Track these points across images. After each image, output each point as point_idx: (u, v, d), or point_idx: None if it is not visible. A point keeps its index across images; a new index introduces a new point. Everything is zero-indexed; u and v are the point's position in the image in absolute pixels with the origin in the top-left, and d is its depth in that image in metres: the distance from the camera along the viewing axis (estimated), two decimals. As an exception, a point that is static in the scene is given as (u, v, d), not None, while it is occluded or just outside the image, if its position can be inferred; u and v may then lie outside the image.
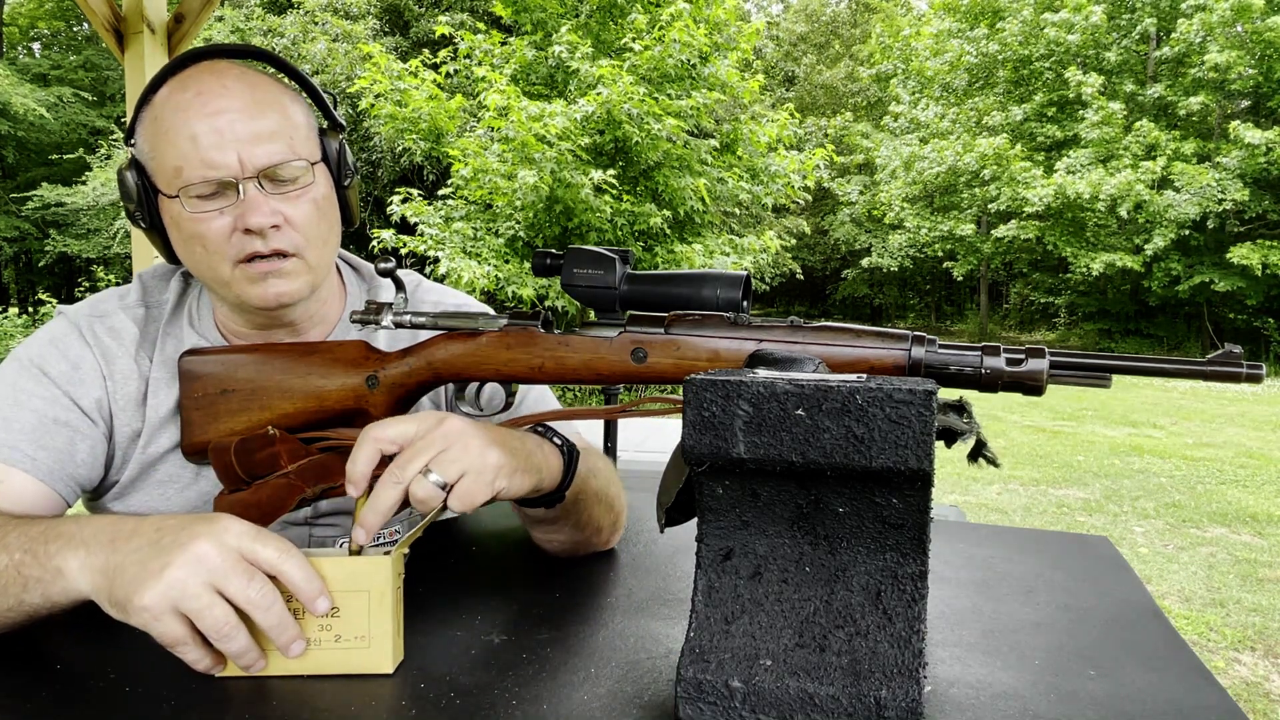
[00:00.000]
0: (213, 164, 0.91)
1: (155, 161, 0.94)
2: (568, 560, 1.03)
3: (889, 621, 0.65)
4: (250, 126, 0.92)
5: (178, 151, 0.91)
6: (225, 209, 0.92)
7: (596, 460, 1.02)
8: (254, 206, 0.92)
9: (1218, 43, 14.61)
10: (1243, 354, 0.68)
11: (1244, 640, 3.32)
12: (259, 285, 0.95)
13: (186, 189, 0.91)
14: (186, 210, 0.92)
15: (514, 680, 0.73)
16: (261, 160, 0.92)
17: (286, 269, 0.96)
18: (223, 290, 0.98)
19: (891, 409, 0.61)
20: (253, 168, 0.92)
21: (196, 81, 0.93)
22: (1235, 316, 15.81)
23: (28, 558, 0.77)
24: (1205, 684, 0.74)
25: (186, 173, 0.91)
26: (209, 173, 0.91)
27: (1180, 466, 6.49)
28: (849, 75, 24.82)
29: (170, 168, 0.92)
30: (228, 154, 0.91)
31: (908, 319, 25.43)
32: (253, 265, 0.94)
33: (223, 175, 0.91)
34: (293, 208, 0.95)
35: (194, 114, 0.91)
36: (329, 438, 0.94)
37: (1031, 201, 15.54)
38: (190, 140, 0.91)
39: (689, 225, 9.18)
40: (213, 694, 0.70)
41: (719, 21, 9.19)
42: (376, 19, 14.91)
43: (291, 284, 0.97)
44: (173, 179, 0.92)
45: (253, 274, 0.95)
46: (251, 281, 0.95)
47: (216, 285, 0.98)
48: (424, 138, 8.67)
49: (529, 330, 0.88)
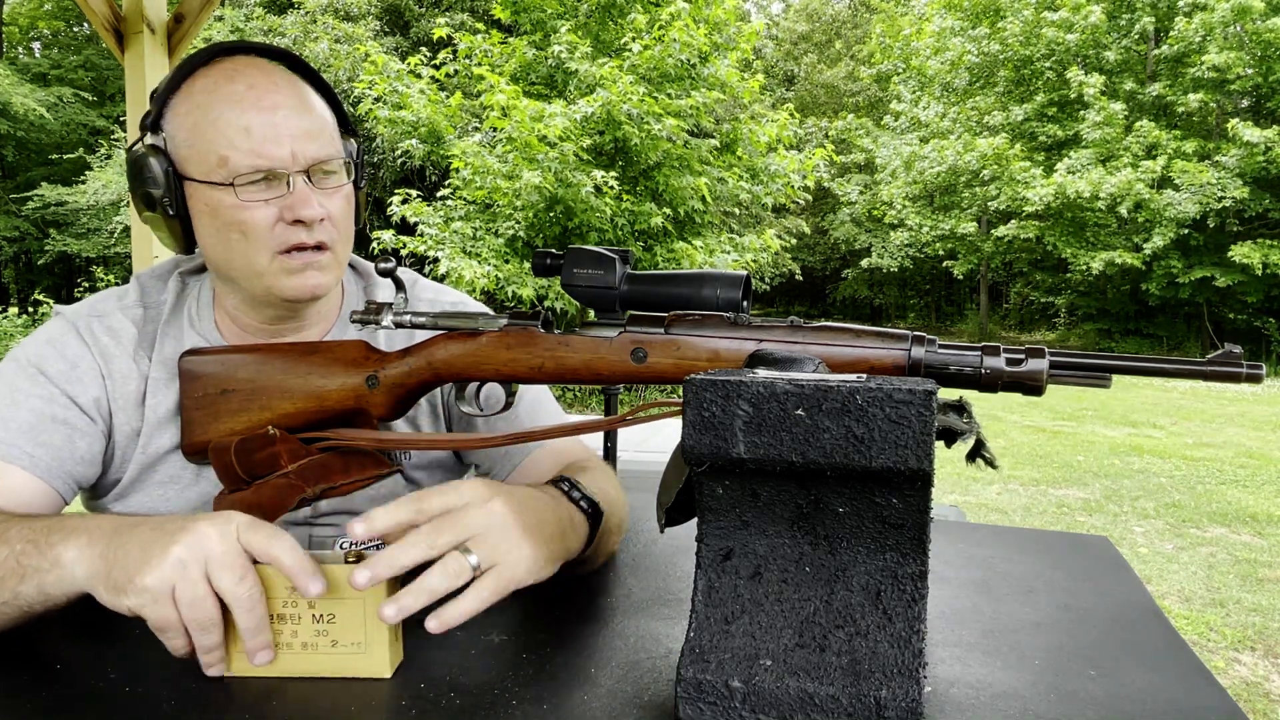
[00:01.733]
0: (267, 155, 0.93)
1: (193, 149, 0.94)
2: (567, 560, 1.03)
3: (889, 621, 0.65)
4: (301, 123, 0.95)
5: (227, 140, 0.92)
6: (271, 200, 0.94)
7: (606, 485, 1.00)
8: (304, 199, 0.95)
9: (1217, 43, 14.61)
10: (1243, 354, 0.68)
11: (1244, 640, 3.32)
12: (297, 276, 0.97)
13: (237, 178, 0.93)
14: (237, 198, 0.93)
15: (514, 680, 0.73)
16: (312, 155, 0.95)
17: (323, 261, 0.98)
18: (252, 281, 0.98)
19: (891, 409, 0.61)
20: (304, 161, 0.95)
21: (246, 75, 0.95)
22: (1235, 316, 15.80)
23: (29, 548, 0.77)
24: (1205, 684, 0.74)
25: (235, 161, 0.92)
26: (260, 162, 0.93)
27: (1180, 466, 6.49)
28: (849, 75, 24.82)
29: (215, 155, 0.93)
30: (282, 146, 0.93)
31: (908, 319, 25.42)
32: (293, 257, 0.96)
33: (275, 166, 0.93)
34: (332, 203, 0.98)
35: (248, 106, 0.93)
36: (329, 438, 0.94)
37: (1031, 201, 15.54)
38: (244, 131, 0.92)
39: (689, 225, 9.18)
40: (212, 694, 0.70)
41: (719, 21, 9.19)
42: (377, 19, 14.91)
43: (325, 276, 0.99)
44: (216, 167, 0.93)
45: (293, 265, 0.97)
46: (290, 273, 0.97)
47: (248, 276, 0.98)
48: (423, 140, 8.67)
49: (529, 330, 0.88)
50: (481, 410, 0.98)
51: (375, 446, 0.95)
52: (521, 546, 0.76)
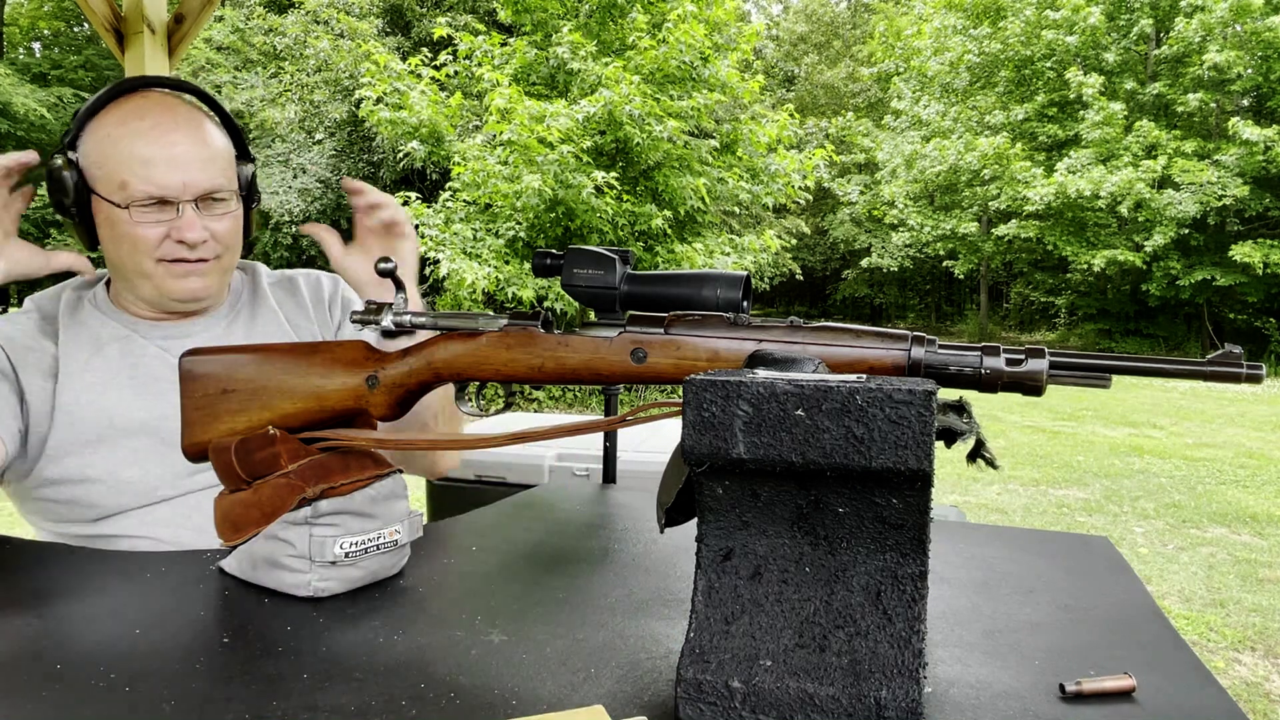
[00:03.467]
0: (160, 185, 1.10)
1: (101, 170, 1.11)
2: (568, 560, 1.03)
3: (889, 621, 0.65)
4: (196, 155, 1.12)
5: (128, 169, 1.10)
6: (161, 221, 1.12)
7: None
8: (190, 224, 1.13)
9: (1216, 43, 14.60)
10: (1243, 354, 0.68)
11: (1244, 640, 3.32)
12: (180, 280, 1.16)
13: (133, 202, 1.10)
14: (131, 217, 1.11)
15: (514, 680, 0.73)
16: (202, 186, 1.13)
17: (204, 269, 1.17)
18: (140, 281, 1.16)
19: (891, 409, 0.61)
20: (194, 191, 1.12)
21: (152, 112, 1.12)
22: (1235, 316, 15.79)
23: None
24: (1205, 684, 0.74)
25: (133, 187, 1.10)
26: (154, 190, 1.10)
27: (1180, 467, 6.49)
28: (850, 75, 24.81)
29: (117, 180, 1.10)
30: (174, 177, 1.11)
31: (908, 319, 25.41)
32: (174, 265, 1.15)
33: (166, 195, 1.11)
34: (218, 224, 1.16)
35: (148, 140, 1.10)
36: (329, 438, 0.94)
37: (1032, 200, 15.54)
38: (143, 162, 1.10)
39: (689, 225, 9.18)
40: (213, 694, 0.70)
41: (719, 22, 9.19)
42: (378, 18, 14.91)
43: (206, 280, 1.18)
44: (117, 189, 1.10)
45: (176, 270, 1.15)
46: (174, 277, 1.16)
47: (136, 276, 1.16)
48: (423, 141, 8.67)
49: (529, 330, 0.88)
50: (481, 410, 0.98)
51: (375, 446, 0.95)
52: None
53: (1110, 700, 0.71)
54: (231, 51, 15.31)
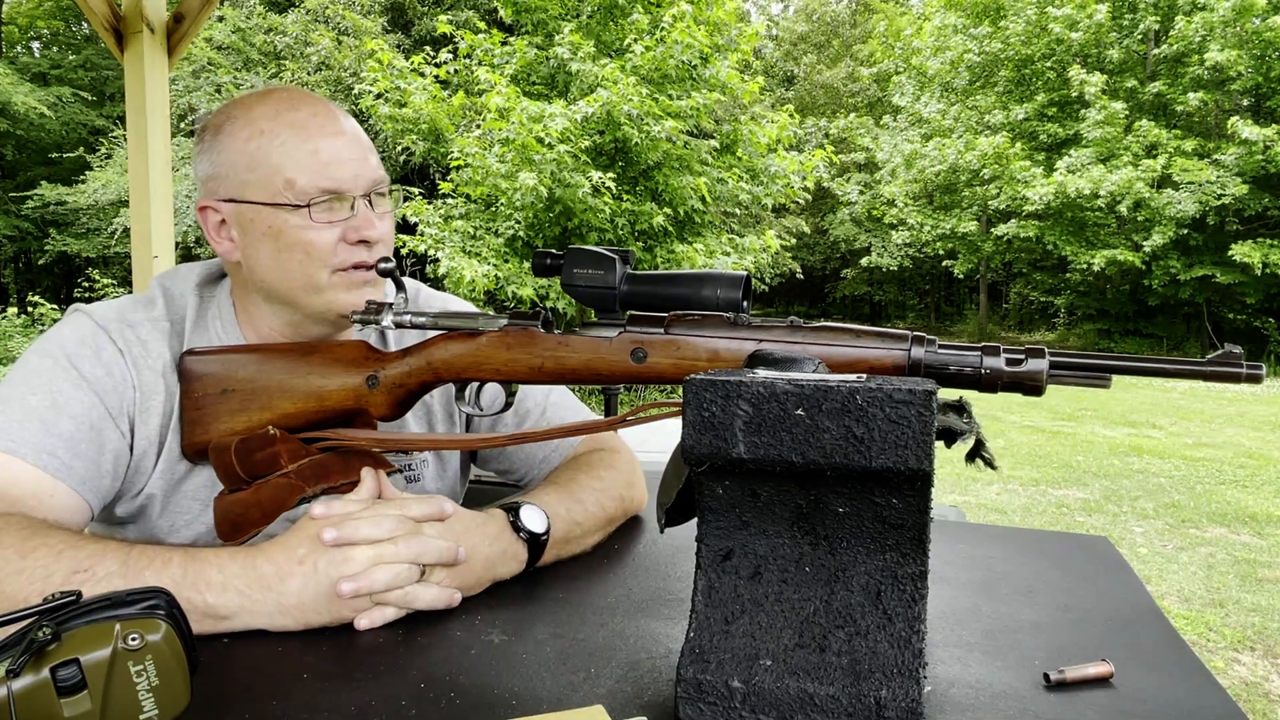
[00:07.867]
0: (335, 177, 0.96)
1: (253, 174, 0.96)
2: (568, 560, 1.03)
3: (889, 621, 0.65)
4: (361, 149, 1.00)
5: (294, 163, 0.95)
6: (335, 221, 0.97)
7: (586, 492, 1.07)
8: (368, 221, 0.98)
9: (1217, 42, 14.60)
10: (1242, 354, 0.68)
11: (1244, 640, 3.32)
12: (356, 291, 0.99)
13: (311, 200, 0.95)
14: (309, 218, 0.95)
15: (514, 680, 0.73)
16: (371, 178, 0.99)
17: (376, 278, 1.01)
18: (311, 297, 0.99)
19: (891, 409, 0.61)
20: (365, 184, 0.98)
21: (304, 102, 0.99)
22: (1235, 316, 15.79)
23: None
24: (1205, 684, 0.74)
25: (302, 184, 0.95)
26: (329, 184, 0.96)
27: (1180, 466, 6.49)
28: (849, 75, 24.81)
29: (281, 179, 0.95)
30: (347, 170, 0.97)
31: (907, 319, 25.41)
32: (352, 274, 0.99)
33: (341, 189, 0.96)
34: (385, 225, 1.02)
35: (314, 131, 0.97)
36: (329, 438, 0.94)
37: (1031, 200, 15.53)
38: (312, 154, 0.96)
39: (689, 225, 9.18)
40: (213, 694, 0.70)
41: (719, 23, 9.18)
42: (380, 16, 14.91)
43: (377, 291, 1.01)
44: (282, 190, 0.95)
45: (353, 280, 0.99)
46: (349, 288, 0.99)
47: (306, 291, 0.99)
48: (424, 138, 8.67)
49: (529, 330, 0.88)
50: (482, 411, 0.98)
51: (375, 446, 0.95)
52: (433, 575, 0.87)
53: (1110, 700, 0.71)
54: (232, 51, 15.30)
